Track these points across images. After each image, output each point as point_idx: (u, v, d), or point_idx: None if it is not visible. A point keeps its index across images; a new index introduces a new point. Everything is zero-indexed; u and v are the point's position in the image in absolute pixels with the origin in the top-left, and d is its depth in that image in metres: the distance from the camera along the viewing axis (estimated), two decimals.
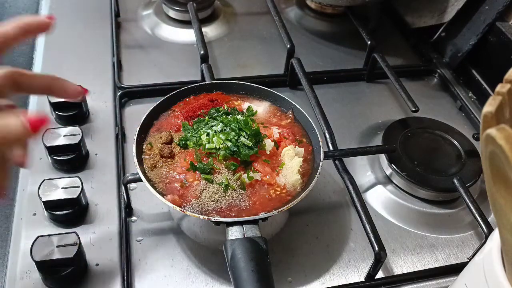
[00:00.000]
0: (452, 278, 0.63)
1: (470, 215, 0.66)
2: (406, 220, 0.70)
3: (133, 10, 1.03)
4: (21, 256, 0.60)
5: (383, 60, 0.87)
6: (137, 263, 0.61)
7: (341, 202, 0.72)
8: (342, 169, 0.69)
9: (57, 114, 0.75)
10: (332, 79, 0.92)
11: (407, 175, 0.71)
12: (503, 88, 0.38)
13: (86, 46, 0.92)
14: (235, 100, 0.69)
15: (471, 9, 0.90)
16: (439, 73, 0.96)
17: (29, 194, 0.66)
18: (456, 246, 0.68)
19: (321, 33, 1.04)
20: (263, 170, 0.59)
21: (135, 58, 0.92)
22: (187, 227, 0.66)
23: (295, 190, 0.59)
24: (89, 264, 0.60)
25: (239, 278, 0.48)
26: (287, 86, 0.89)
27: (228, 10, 1.07)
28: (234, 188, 0.57)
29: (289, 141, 0.63)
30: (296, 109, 0.68)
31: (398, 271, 0.64)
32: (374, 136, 0.82)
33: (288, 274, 0.62)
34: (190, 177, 0.58)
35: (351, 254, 0.65)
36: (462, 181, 0.68)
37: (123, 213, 0.65)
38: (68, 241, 0.56)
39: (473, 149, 0.76)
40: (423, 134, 0.78)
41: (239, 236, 0.52)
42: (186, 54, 0.94)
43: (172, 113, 0.66)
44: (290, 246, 0.65)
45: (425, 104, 0.87)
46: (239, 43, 0.99)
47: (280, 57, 0.90)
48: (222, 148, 0.59)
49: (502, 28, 0.85)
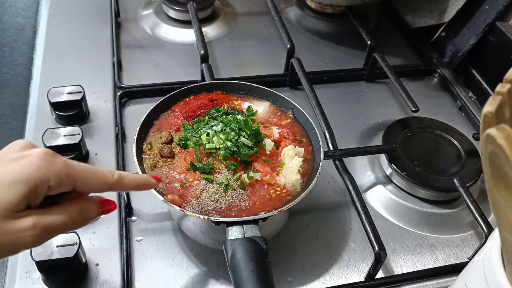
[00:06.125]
0: (452, 278, 0.63)
1: (470, 215, 0.66)
2: (406, 220, 0.70)
3: (133, 10, 1.03)
4: (21, 256, 0.60)
5: (383, 60, 0.87)
6: (137, 263, 0.61)
7: (341, 202, 0.72)
8: (342, 169, 0.69)
9: (57, 114, 0.75)
10: (332, 79, 0.92)
11: (407, 175, 0.71)
12: (503, 88, 0.38)
13: (86, 46, 0.92)
14: (235, 100, 0.69)
15: (471, 9, 0.90)
16: (439, 73, 0.96)
17: None
18: (456, 246, 0.68)
19: (321, 33, 1.04)
20: (263, 170, 0.59)
21: (135, 58, 0.92)
22: (187, 227, 0.66)
23: (295, 190, 0.59)
24: (89, 264, 0.60)
25: (239, 278, 0.48)
26: (287, 86, 0.89)
27: (228, 10, 1.07)
28: (234, 188, 0.57)
29: (289, 141, 0.63)
30: (296, 109, 0.68)
31: (398, 271, 0.64)
32: (374, 136, 0.82)
33: (288, 274, 0.62)
34: (190, 177, 0.58)
35: (351, 254, 0.65)
36: (462, 181, 0.68)
37: (123, 213, 0.65)
38: (68, 241, 0.56)
39: (473, 149, 0.76)
40: (423, 134, 0.78)
41: (239, 236, 0.52)
42: (186, 54, 0.94)
43: (172, 113, 0.66)
44: (290, 246, 0.65)
45: (425, 104, 0.87)
46: (239, 43, 0.99)
47: (280, 57, 0.90)
48: (222, 148, 0.59)
49: (502, 28, 0.85)
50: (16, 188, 0.38)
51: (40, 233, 0.39)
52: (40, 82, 0.84)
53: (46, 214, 0.40)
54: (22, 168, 0.39)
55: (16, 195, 0.38)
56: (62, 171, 0.40)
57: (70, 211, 0.42)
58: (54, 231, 0.41)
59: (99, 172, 0.44)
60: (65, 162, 0.41)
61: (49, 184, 0.39)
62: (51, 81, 0.82)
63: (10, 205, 0.37)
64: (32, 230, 0.39)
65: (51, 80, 0.83)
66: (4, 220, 0.37)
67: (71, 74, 0.85)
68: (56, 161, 0.40)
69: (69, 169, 0.41)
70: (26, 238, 0.39)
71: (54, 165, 0.40)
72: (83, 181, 0.42)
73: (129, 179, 0.46)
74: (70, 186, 0.41)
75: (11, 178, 0.38)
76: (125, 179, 0.46)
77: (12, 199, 0.38)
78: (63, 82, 0.77)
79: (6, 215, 0.37)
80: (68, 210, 0.42)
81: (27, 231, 0.38)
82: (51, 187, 0.40)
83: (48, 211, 0.41)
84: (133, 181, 0.47)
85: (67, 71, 0.86)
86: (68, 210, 0.42)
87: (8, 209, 0.37)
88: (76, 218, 0.43)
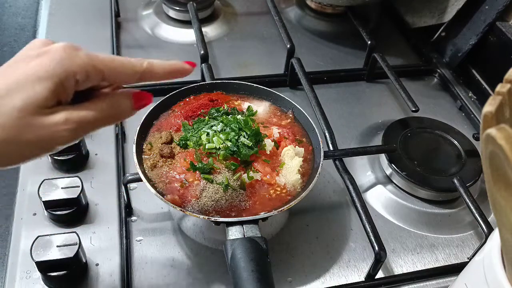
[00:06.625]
0: (452, 278, 0.63)
1: (470, 215, 0.66)
2: (406, 220, 0.70)
3: (133, 10, 1.03)
4: (21, 256, 0.60)
5: (383, 60, 0.87)
6: (137, 263, 0.61)
7: (341, 202, 0.72)
8: (342, 169, 0.69)
9: None
10: (332, 79, 0.92)
11: (407, 175, 0.71)
12: (503, 88, 0.38)
13: (86, 46, 0.90)
14: (235, 100, 0.69)
15: (471, 9, 0.90)
16: (439, 73, 0.96)
17: (29, 194, 0.66)
18: (456, 246, 0.68)
19: (321, 33, 1.04)
20: (263, 170, 0.59)
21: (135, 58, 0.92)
22: (187, 227, 0.66)
23: (295, 190, 0.59)
24: (89, 264, 0.60)
25: (239, 278, 0.48)
26: (287, 86, 0.89)
27: (228, 10, 1.07)
28: (234, 188, 0.57)
29: (289, 141, 0.63)
30: (296, 109, 0.68)
31: (398, 271, 0.64)
32: (374, 136, 0.82)
33: (288, 274, 0.62)
34: (190, 177, 0.58)
35: (351, 254, 0.65)
36: (462, 181, 0.68)
37: (123, 213, 0.65)
38: (68, 241, 0.56)
39: (473, 149, 0.76)
40: (423, 134, 0.78)
41: (239, 236, 0.52)
42: (186, 54, 0.94)
43: (172, 113, 0.66)
44: (290, 246, 0.65)
45: (425, 104, 0.87)
46: (239, 43, 0.99)
47: (280, 57, 0.90)
48: (222, 148, 0.59)
49: (502, 28, 0.85)
50: (42, 83, 0.38)
51: (74, 127, 0.40)
52: None
53: (77, 109, 0.40)
54: (45, 63, 0.38)
55: (43, 90, 0.38)
56: (88, 62, 0.40)
57: (101, 104, 0.42)
58: (88, 126, 0.41)
59: (126, 61, 0.43)
60: (89, 53, 0.41)
61: (75, 77, 0.39)
62: None
63: (38, 101, 0.38)
64: (65, 124, 0.39)
65: None
66: (35, 116, 0.38)
67: None
68: (79, 53, 0.40)
69: (94, 60, 0.40)
70: (61, 132, 0.39)
71: (77, 57, 0.39)
72: (110, 70, 0.41)
73: (160, 65, 0.44)
74: (98, 78, 0.41)
75: (35, 74, 0.38)
76: (155, 65, 0.44)
77: (40, 95, 0.38)
78: None
79: (37, 111, 0.38)
80: (99, 104, 0.42)
81: (60, 125, 0.39)
82: (78, 81, 0.40)
83: (79, 106, 0.41)
84: (166, 68, 0.45)
85: None
86: (99, 104, 0.42)
87: (37, 105, 0.38)
88: (108, 111, 0.42)
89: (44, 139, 0.39)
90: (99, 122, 0.42)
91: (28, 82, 0.38)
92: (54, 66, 0.38)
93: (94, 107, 0.41)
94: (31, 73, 0.38)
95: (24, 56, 0.40)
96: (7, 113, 0.37)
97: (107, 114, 0.43)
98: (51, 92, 0.38)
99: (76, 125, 0.40)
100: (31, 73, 0.38)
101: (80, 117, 0.40)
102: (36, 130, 0.38)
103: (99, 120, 0.42)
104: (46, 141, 0.39)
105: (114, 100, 0.43)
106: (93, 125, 0.42)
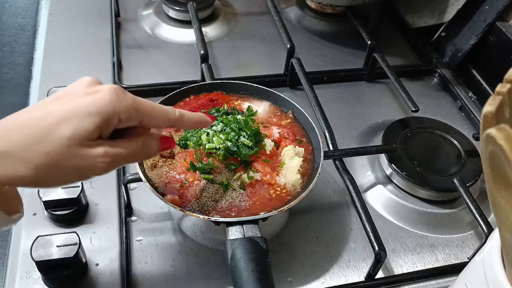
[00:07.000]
0: (452, 278, 0.63)
1: (470, 215, 0.66)
2: (406, 220, 0.70)
3: (133, 10, 1.03)
4: (21, 256, 0.60)
5: (383, 60, 0.87)
6: (137, 263, 0.61)
7: (341, 202, 0.72)
8: (342, 169, 0.69)
9: None
10: (332, 79, 0.92)
11: (407, 175, 0.71)
12: (503, 88, 0.38)
13: (86, 46, 0.92)
14: (235, 100, 0.69)
15: (471, 9, 0.90)
16: (439, 73, 0.96)
17: (29, 194, 0.66)
18: (456, 246, 0.68)
19: (321, 33, 1.04)
20: (263, 170, 0.59)
21: (135, 58, 0.92)
22: (187, 227, 0.66)
23: (295, 190, 0.59)
24: (89, 264, 0.60)
25: (239, 278, 0.48)
26: (287, 86, 0.89)
27: (228, 10, 1.07)
28: (234, 188, 0.57)
29: (289, 141, 0.63)
30: (296, 109, 0.68)
31: (398, 271, 0.64)
32: (374, 136, 0.82)
33: (288, 274, 0.62)
34: (190, 177, 0.58)
35: (351, 254, 0.65)
36: (462, 181, 0.68)
37: (123, 213, 0.65)
38: (68, 241, 0.56)
39: (473, 149, 0.76)
40: (423, 134, 0.78)
41: (239, 236, 0.52)
42: (186, 54, 0.94)
43: None
44: (290, 246, 0.65)
45: (425, 104, 0.87)
46: (239, 43, 0.99)
47: (280, 57, 0.90)
48: (222, 148, 0.59)
49: (502, 28, 0.85)
50: (91, 118, 0.41)
51: (110, 160, 0.43)
52: (40, 82, 0.83)
53: (114, 145, 0.44)
54: (96, 100, 0.42)
55: (91, 124, 0.41)
56: (132, 105, 0.44)
57: (135, 143, 0.46)
58: (121, 161, 0.46)
59: (163, 109, 0.48)
60: (134, 98, 0.45)
61: (120, 117, 0.43)
62: (51, 81, 0.82)
63: (86, 133, 0.41)
64: (104, 157, 0.43)
65: (51, 80, 0.83)
66: (80, 147, 0.41)
67: (71, 74, 0.85)
68: (127, 96, 0.44)
69: (138, 104, 0.44)
70: (99, 164, 0.43)
71: (125, 99, 0.43)
72: (149, 116, 0.46)
73: (188, 116, 0.50)
74: (138, 120, 0.45)
75: (86, 110, 0.41)
76: (185, 116, 0.50)
77: (88, 128, 0.41)
78: (63, 82, 0.76)
79: (82, 143, 0.41)
80: (133, 143, 0.46)
81: (99, 157, 0.43)
82: (121, 120, 0.43)
83: (116, 142, 0.45)
84: (192, 119, 0.51)
85: (67, 71, 0.86)
86: (133, 143, 0.46)
87: (84, 137, 0.41)
88: (139, 150, 0.47)
89: (84, 168, 0.43)
90: (130, 159, 0.47)
91: (79, 115, 0.41)
92: (105, 104, 0.42)
93: (128, 145, 0.46)
94: (83, 108, 0.41)
95: (76, 90, 0.43)
96: (56, 141, 0.40)
97: (138, 152, 0.47)
98: (98, 127, 0.42)
99: (112, 159, 0.44)
100: (83, 108, 0.41)
101: (116, 153, 0.44)
102: (79, 159, 0.42)
103: (131, 157, 0.47)
104: (86, 170, 0.43)
105: (146, 140, 0.48)
106: (125, 161, 0.46)
